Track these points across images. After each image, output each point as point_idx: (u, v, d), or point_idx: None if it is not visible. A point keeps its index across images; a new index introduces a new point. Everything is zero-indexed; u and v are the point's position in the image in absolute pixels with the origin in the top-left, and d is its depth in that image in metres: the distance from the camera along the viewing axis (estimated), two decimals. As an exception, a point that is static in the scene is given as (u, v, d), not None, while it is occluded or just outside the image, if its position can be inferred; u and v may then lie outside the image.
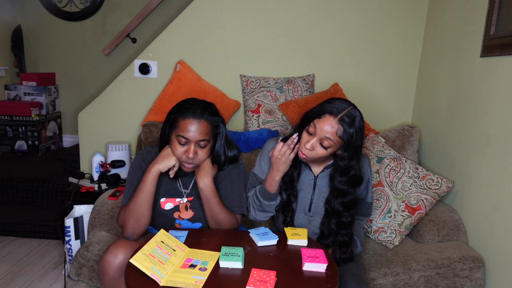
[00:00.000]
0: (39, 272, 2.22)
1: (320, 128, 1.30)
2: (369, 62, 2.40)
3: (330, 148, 1.31)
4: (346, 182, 1.38)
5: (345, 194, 1.40)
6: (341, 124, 1.28)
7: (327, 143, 1.30)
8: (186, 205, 1.49)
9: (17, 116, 3.24)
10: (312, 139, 1.32)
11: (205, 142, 1.37)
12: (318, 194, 1.49)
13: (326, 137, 1.30)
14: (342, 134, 1.29)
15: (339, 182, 1.39)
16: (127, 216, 1.36)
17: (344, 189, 1.39)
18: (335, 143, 1.31)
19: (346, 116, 1.29)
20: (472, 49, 1.83)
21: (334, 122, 1.29)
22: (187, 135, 1.34)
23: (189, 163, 1.38)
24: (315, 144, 1.32)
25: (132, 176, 1.45)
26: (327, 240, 1.45)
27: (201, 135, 1.35)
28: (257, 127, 2.24)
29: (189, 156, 1.35)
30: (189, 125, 1.34)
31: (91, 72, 3.53)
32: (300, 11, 2.35)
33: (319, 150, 1.32)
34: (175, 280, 1.07)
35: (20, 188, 2.76)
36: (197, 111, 1.36)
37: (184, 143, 1.35)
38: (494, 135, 1.66)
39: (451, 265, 1.60)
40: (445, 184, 1.86)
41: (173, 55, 2.38)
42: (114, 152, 2.36)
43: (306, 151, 1.33)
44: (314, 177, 1.48)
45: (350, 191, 1.39)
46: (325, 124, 1.30)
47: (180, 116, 1.36)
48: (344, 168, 1.36)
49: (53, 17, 3.50)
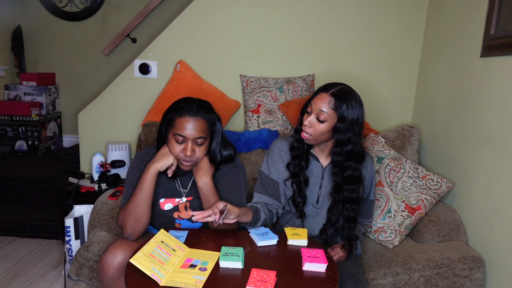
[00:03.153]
0: (39, 272, 2.22)
1: (315, 104, 1.40)
2: (369, 62, 2.40)
3: (327, 122, 1.38)
4: (343, 154, 1.42)
5: (341, 165, 1.43)
6: (332, 97, 1.38)
7: (323, 117, 1.38)
8: (185, 205, 1.49)
9: (17, 116, 3.24)
10: (309, 117, 1.41)
11: (202, 140, 1.38)
12: (325, 185, 1.52)
13: (320, 110, 1.38)
14: (334, 106, 1.37)
15: (334, 153, 1.43)
16: (126, 216, 1.36)
17: (340, 160, 1.42)
18: (330, 116, 1.38)
19: (337, 91, 1.39)
20: (472, 49, 1.83)
21: (327, 96, 1.38)
22: (184, 133, 1.35)
23: (187, 161, 1.38)
24: (312, 120, 1.40)
25: (131, 177, 1.45)
26: (332, 227, 1.49)
27: (198, 132, 1.36)
28: (257, 127, 2.24)
29: (186, 154, 1.35)
30: (186, 123, 1.35)
31: (91, 72, 3.52)
32: (300, 11, 2.35)
33: (317, 126, 1.39)
34: (175, 280, 1.07)
35: (20, 188, 2.77)
36: (193, 109, 1.37)
37: (181, 141, 1.36)
38: (494, 135, 1.66)
39: (451, 265, 1.60)
40: (445, 184, 1.86)
41: (173, 55, 2.38)
42: (114, 152, 2.36)
43: (306, 128, 1.41)
44: (322, 169, 1.53)
45: (349, 164, 1.42)
46: (319, 100, 1.39)
47: (177, 114, 1.37)
48: (340, 140, 1.40)
49: (53, 17, 3.50)
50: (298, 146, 1.51)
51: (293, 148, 1.52)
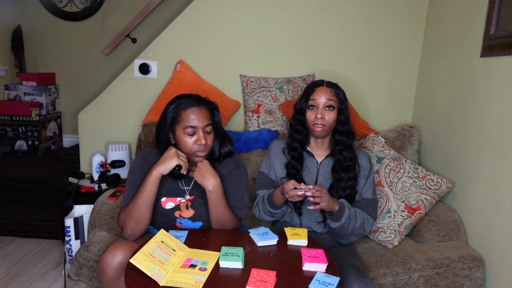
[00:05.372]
0: (39, 272, 2.22)
1: (319, 97, 1.53)
2: (369, 62, 2.40)
3: (335, 108, 1.53)
4: (344, 133, 1.56)
5: (343, 146, 1.57)
6: (330, 87, 1.55)
7: (331, 103, 1.52)
8: (187, 204, 1.49)
9: (17, 116, 3.24)
10: (318, 110, 1.52)
11: (210, 127, 1.43)
12: (321, 180, 1.59)
13: (327, 99, 1.52)
14: (335, 93, 1.54)
15: (339, 133, 1.57)
16: (127, 217, 1.36)
17: (343, 140, 1.56)
18: (336, 102, 1.54)
19: (329, 82, 1.57)
20: (472, 49, 1.83)
21: (325, 88, 1.55)
22: (193, 123, 1.39)
23: (201, 151, 1.41)
24: (322, 111, 1.52)
25: (133, 176, 1.45)
26: None
27: (206, 119, 1.41)
28: (257, 127, 2.24)
29: (201, 142, 1.39)
30: (192, 114, 1.40)
31: (91, 72, 3.52)
32: (300, 11, 2.35)
33: (328, 114, 1.52)
34: (175, 280, 1.07)
35: (20, 188, 2.76)
36: (195, 100, 1.43)
37: (192, 133, 1.39)
38: (494, 135, 1.66)
39: (450, 265, 1.60)
40: (445, 184, 1.86)
41: (173, 55, 2.38)
42: (114, 152, 2.36)
43: (319, 121, 1.51)
44: (317, 164, 1.61)
45: (348, 143, 1.57)
46: (320, 92, 1.53)
47: (181, 109, 1.41)
48: (343, 120, 1.56)
49: (53, 17, 3.49)
50: (297, 147, 1.59)
51: (290, 151, 1.61)
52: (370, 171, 1.61)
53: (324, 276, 1.13)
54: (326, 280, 1.11)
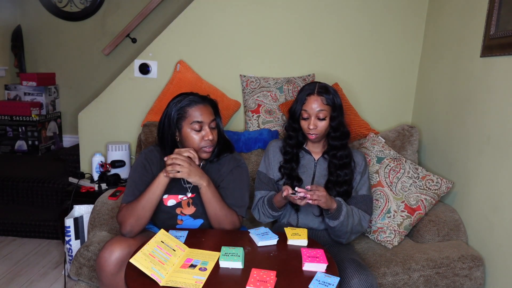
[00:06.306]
0: (39, 272, 2.22)
1: (310, 108, 1.55)
2: (369, 62, 2.40)
3: (327, 117, 1.56)
4: (337, 138, 1.60)
5: (337, 149, 1.61)
6: (321, 95, 1.55)
7: (322, 114, 1.55)
8: (188, 201, 1.49)
9: (17, 116, 3.24)
10: (311, 121, 1.55)
11: (215, 122, 1.48)
12: (318, 177, 1.63)
13: (319, 110, 1.54)
14: (326, 101, 1.55)
15: (333, 138, 1.60)
16: (128, 214, 1.37)
17: (337, 145, 1.60)
18: (327, 111, 1.56)
19: (320, 88, 1.57)
20: (472, 49, 1.83)
21: (316, 97, 1.55)
22: (200, 118, 1.43)
23: (209, 146, 1.45)
24: (315, 122, 1.55)
25: (134, 174, 1.48)
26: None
27: (211, 115, 1.46)
28: (257, 127, 2.24)
29: (209, 138, 1.43)
30: (198, 110, 1.44)
31: (91, 72, 3.52)
32: (300, 11, 2.35)
33: (320, 124, 1.55)
34: (175, 280, 1.07)
35: (20, 188, 2.77)
36: (199, 97, 1.47)
37: (199, 128, 1.42)
38: (493, 135, 1.66)
39: (450, 265, 1.61)
40: (444, 185, 1.86)
41: (173, 55, 2.38)
42: (114, 152, 2.36)
43: (312, 131, 1.55)
44: (314, 161, 1.65)
45: (341, 144, 1.61)
46: (311, 103, 1.55)
47: (187, 106, 1.44)
48: (336, 126, 1.58)
49: (53, 17, 3.50)
50: (290, 151, 1.64)
51: (286, 153, 1.64)
52: (365, 168, 1.65)
53: (324, 276, 1.13)
54: (326, 280, 1.12)
